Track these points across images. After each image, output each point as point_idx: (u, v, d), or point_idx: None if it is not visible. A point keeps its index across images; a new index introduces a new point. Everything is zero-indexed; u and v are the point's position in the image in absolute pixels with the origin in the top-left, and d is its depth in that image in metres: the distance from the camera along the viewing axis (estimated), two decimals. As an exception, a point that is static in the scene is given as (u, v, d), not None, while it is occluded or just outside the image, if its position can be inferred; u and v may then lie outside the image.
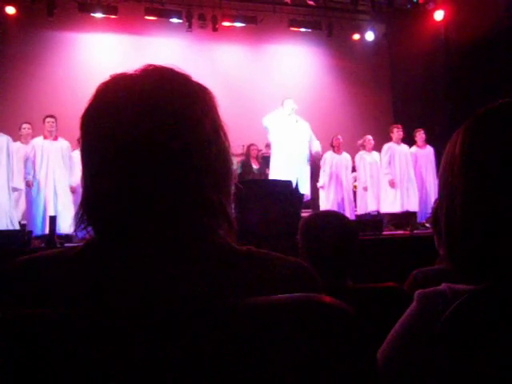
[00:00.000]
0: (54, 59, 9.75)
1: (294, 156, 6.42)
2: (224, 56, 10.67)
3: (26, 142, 6.77)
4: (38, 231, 6.18)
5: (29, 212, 6.54)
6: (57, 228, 5.45)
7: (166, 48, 9.89)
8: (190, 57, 9.56)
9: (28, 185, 6.41)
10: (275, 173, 6.50)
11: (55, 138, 6.63)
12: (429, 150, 8.14)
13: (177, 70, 0.77)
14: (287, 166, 6.36)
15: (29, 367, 0.61)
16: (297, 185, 6.21)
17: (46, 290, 0.71)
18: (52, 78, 9.60)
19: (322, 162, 8.10)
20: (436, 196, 7.80)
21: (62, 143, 6.65)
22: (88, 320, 0.64)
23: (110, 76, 0.77)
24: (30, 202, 6.52)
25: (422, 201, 7.99)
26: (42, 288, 0.71)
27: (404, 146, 8.00)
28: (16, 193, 6.53)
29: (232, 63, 10.65)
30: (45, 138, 6.60)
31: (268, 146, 7.92)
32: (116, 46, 10.12)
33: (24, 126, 6.94)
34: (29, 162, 6.46)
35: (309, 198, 6.92)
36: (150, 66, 0.77)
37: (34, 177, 6.46)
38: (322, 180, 8.02)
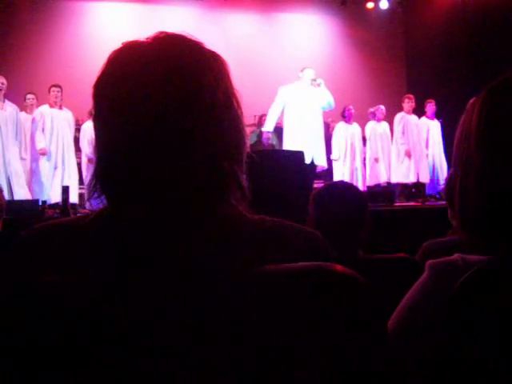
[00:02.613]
0: (62, 29, 9.67)
1: (308, 128, 6.28)
2: (235, 24, 10.53)
3: (30, 113, 6.80)
4: (48, 200, 6.25)
5: (37, 181, 6.58)
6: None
7: (177, 17, 9.77)
8: (201, 26, 9.43)
9: (43, 153, 6.44)
10: (289, 145, 6.37)
11: (60, 107, 6.67)
12: (436, 122, 8.06)
13: (189, 37, 0.76)
14: (301, 137, 6.23)
15: (40, 334, 0.62)
16: (312, 158, 6.13)
17: (60, 257, 0.72)
18: (61, 48, 9.54)
19: (334, 134, 8.05)
20: (442, 168, 7.78)
21: (67, 113, 6.70)
22: (99, 287, 0.65)
23: (122, 44, 0.76)
24: (38, 172, 6.56)
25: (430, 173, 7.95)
26: (56, 255, 0.73)
27: (414, 117, 7.92)
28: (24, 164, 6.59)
29: (243, 32, 10.50)
30: (51, 106, 6.63)
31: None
32: (125, 15, 10.01)
33: (28, 96, 6.96)
34: (39, 130, 6.48)
35: (325, 168, 6.84)
36: (162, 33, 0.76)
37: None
38: (337, 152, 7.96)
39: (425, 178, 7.81)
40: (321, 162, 6.45)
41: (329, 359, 0.63)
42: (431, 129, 8.04)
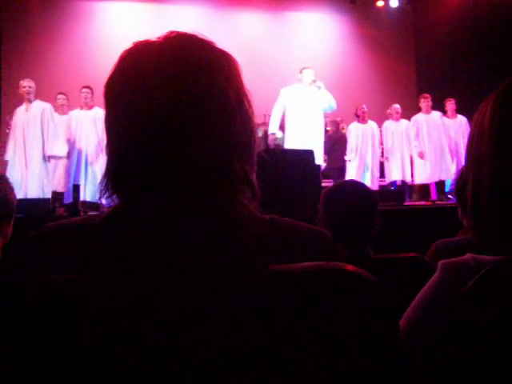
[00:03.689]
0: (73, 29, 9.72)
1: (308, 128, 6.31)
2: (245, 23, 10.54)
3: (62, 113, 6.92)
4: (70, 199, 6.33)
5: (65, 180, 6.79)
6: (86, 196, 5.61)
7: (187, 16, 9.80)
8: (211, 25, 9.45)
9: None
10: (290, 145, 6.41)
11: (90, 108, 6.79)
12: (460, 120, 7.95)
13: (200, 36, 0.76)
14: (301, 138, 6.25)
15: (51, 332, 0.63)
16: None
17: (68, 258, 0.72)
18: (72, 48, 9.59)
19: (347, 134, 8.02)
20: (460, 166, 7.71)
21: (98, 111, 6.73)
22: (112, 287, 0.65)
23: (133, 43, 0.76)
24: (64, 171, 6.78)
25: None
26: (64, 255, 0.73)
27: (435, 114, 7.76)
28: (53, 161, 6.69)
29: (253, 30, 10.52)
30: (81, 108, 6.85)
31: None
32: (135, 15, 10.05)
33: (59, 96, 7.12)
34: (62, 135, 6.65)
35: (323, 168, 6.89)
36: (173, 32, 0.76)
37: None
38: (350, 153, 7.94)
39: (445, 176, 7.75)
40: (319, 162, 6.48)
41: (340, 358, 0.63)
42: (450, 128, 7.94)
